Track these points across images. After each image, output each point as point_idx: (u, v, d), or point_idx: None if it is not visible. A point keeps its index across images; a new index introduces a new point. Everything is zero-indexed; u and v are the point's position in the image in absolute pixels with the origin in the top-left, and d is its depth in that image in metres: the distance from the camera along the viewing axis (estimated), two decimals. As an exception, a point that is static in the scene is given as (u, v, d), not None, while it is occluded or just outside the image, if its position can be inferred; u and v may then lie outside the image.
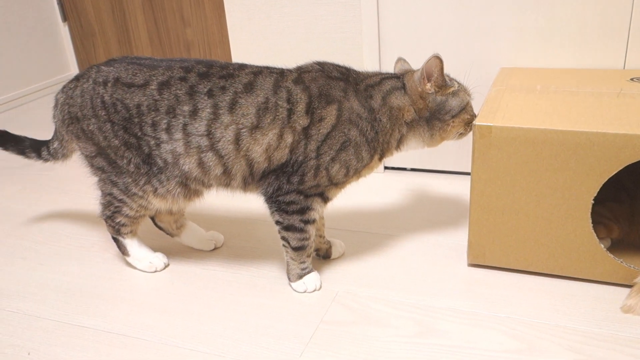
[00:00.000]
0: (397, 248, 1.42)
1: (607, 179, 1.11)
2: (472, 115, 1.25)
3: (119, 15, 3.00)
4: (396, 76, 1.24)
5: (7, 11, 2.83)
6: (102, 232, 1.57)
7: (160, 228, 1.44)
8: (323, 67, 1.22)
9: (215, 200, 1.29)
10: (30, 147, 1.46)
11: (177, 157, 1.19)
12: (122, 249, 1.38)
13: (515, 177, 1.18)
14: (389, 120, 1.20)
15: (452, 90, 1.21)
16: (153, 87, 1.18)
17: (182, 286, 1.32)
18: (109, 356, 1.11)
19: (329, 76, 1.19)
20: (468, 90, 1.25)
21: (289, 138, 1.15)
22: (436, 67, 1.16)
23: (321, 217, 1.33)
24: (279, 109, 1.15)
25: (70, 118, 1.26)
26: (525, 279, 1.26)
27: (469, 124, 1.24)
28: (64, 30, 3.15)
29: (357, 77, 1.22)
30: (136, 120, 1.19)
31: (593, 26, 1.51)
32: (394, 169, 1.89)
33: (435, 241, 1.44)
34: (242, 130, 1.15)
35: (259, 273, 1.35)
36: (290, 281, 1.29)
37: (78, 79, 1.27)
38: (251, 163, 1.17)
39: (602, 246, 1.18)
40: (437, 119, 1.21)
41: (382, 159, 1.25)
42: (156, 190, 1.24)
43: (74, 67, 3.21)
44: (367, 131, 1.18)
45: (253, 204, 1.69)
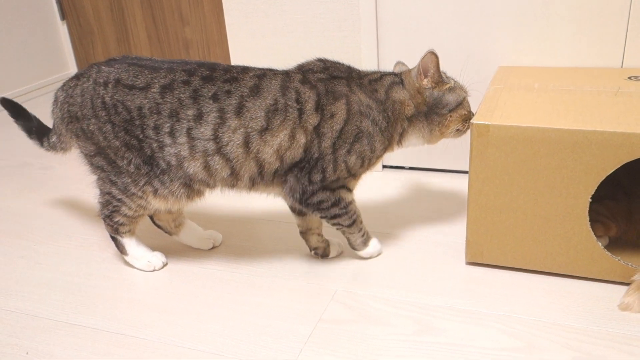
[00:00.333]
0: (395, 246, 1.42)
1: (604, 177, 1.12)
2: (469, 112, 1.28)
3: (117, 13, 2.99)
4: (394, 73, 1.30)
5: (5, 10, 2.83)
6: (101, 232, 1.57)
7: (159, 226, 1.44)
8: (325, 64, 1.25)
9: (214, 199, 1.29)
10: (35, 131, 1.46)
11: (181, 161, 1.19)
12: (121, 248, 1.38)
13: (513, 176, 1.18)
14: (392, 113, 1.24)
15: (449, 87, 1.26)
16: (155, 90, 1.18)
17: (181, 285, 1.32)
18: (107, 355, 1.11)
19: (332, 74, 1.23)
20: (465, 88, 1.29)
21: (302, 138, 1.17)
22: (432, 62, 1.21)
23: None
24: (289, 110, 1.16)
25: (70, 117, 1.26)
26: (523, 277, 1.27)
27: (467, 120, 1.27)
28: (62, 28, 3.15)
29: (358, 73, 1.27)
30: (137, 123, 1.19)
31: (591, 25, 1.51)
32: (392, 167, 1.89)
33: (433, 239, 1.44)
34: (252, 134, 1.16)
35: (257, 272, 1.35)
36: (357, 251, 1.36)
37: (78, 77, 1.27)
38: (261, 164, 1.19)
39: (600, 244, 1.18)
40: (435, 114, 1.25)
41: (383, 154, 1.28)
42: (157, 191, 1.24)
43: (72, 65, 3.21)
44: (380, 121, 1.22)
45: (251, 203, 1.69)
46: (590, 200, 1.15)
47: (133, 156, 1.21)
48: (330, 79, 1.22)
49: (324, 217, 1.29)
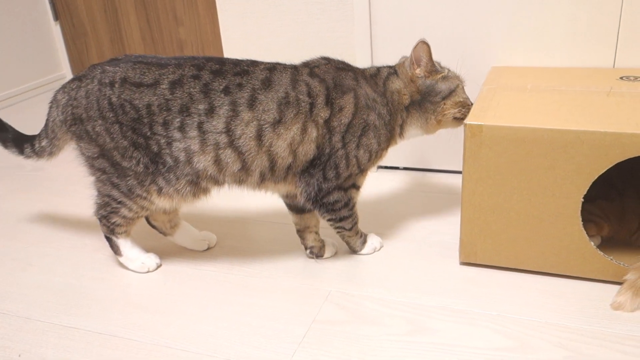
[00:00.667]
0: (389, 247, 1.42)
1: (597, 177, 1.12)
2: (465, 99, 1.30)
3: (111, 14, 2.99)
4: (389, 66, 1.34)
5: (-2, 11, 2.82)
6: (94, 233, 1.57)
7: (154, 227, 1.44)
8: (330, 61, 1.28)
9: (209, 200, 1.29)
10: (12, 140, 1.42)
11: (190, 155, 1.19)
12: (115, 249, 1.37)
13: (506, 176, 1.19)
14: (392, 105, 1.27)
15: (442, 75, 1.29)
16: (164, 86, 1.18)
17: (174, 286, 1.32)
18: (100, 357, 1.11)
19: (338, 67, 1.26)
20: (460, 77, 1.32)
21: (313, 132, 1.19)
22: (424, 51, 1.25)
23: (317, 216, 1.35)
24: (301, 103, 1.18)
25: (74, 119, 1.25)
26: (516, 277, 1.27)
27: (463, 106, 1.29)
28: (55, 29, 3.14)
29: (359, 69, 1.31)
30: (146, 120, 1.18)
31: (583, 25, 1.51)
32: (386, 168, 1.89)
33: (427, 240, 1.44)
34: (265, 126, 1.17)
35: (251, 273, 1.35)
36: (357, 252, 1.39)
37: (80, 79, 1.25)
38: (274, 158, 1.19)
39: (593, 244, 1.19)
40: (428, 102, 1.28)
41: (387, 147, 1.31)
42: (161, 189, 1.24)
43: (65, 66, 3.20)
44: (384, 114, 1.25)
45: (246, 204, 1.69)
46: (583, 200, 1.15)
47: (141, 155, 1.21)
48: (338, 72, 1.25)
49: (331, 220, 1.30)
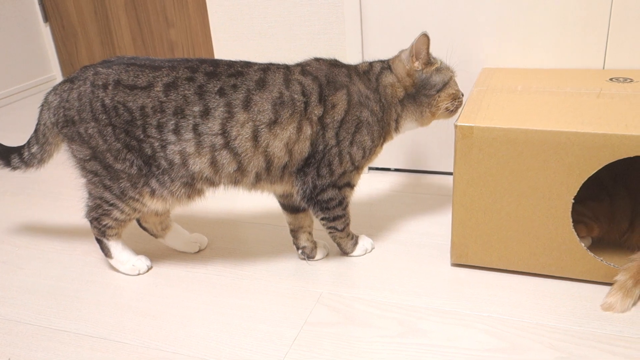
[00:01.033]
0: (380, 248, 1.42)
1: (587, 178, 1.13)
2: (457, 90, 1.32)
3: (101, 15, 2.97)
4: (380, 60, 1.34)
5: (-13, 12, 2.80)
6: (84, 236, 1.56)
7: (145, 229, 1.43)
8: (322, 60, 1.29)
9: (202, 201, 1.29)
10: None
11: (186, 158, 1.18)
12: (106, 251, 1.37)
13: (497, 177, 1.19)
14: (386, 100, 1.27)
15: (436, 67, 1.30)
16: (158, 88, 1.18)
17: (165, 289, 1.31)
18: (90, 360, 1.10)
19: (331, 64, 1.27)
20: (451, 68, 1.33)
21: (308, 130, 1.20)
22: (424, 44, 1.26)
23: (311, 216, 1.36)
24: (296, 102, 1.19)
25: (66, 121, 1.23)
26: (507, 278, 1.27)
27: (455, 98, 1.31)
28: (45, 31, 3.12)
29: (351, 65, 1.31)
30: (139, 123, 1.18)
31: (573, 27, 1.52)
32: (377, 169, 1.89)
33: (418, 241, 1.45)
34: (260, 127, 1.17)
35: (242, 275, 1.35)
36: (348, 253, 1.40)
37: (72, 80, 1.24)
38: (270, 158, 1.20)
39: (583, 245, 1.19)
40: (423, 95, 1.29)
41: (383, 143, 1.32)
42: (154, 192, 1.23)
43: (55, 68, 3.18)
44: (377, 111, 1.25)
45: (237, 205, 1.68)
46: (573, 201, 1.15)
47: (134, 157, 1.20)
48: (330, 69, 1.25)
49: (325, 219, 1.30)
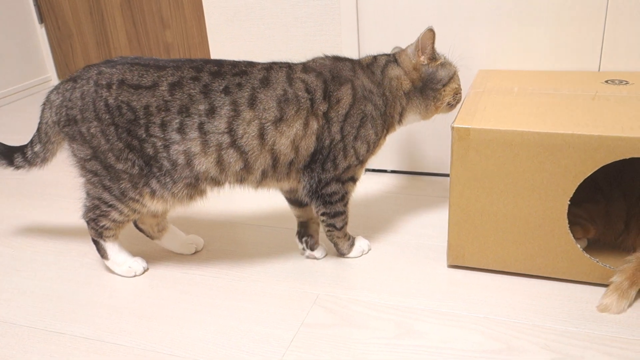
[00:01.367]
0: (377, 250, 1.42)
1: (583, 180, 1.13)
2: (459, 85, 1.35)
3: (97, 16, 2.97)
4: (386, 54, 1.35)
5: (-18, 12, 2.79)
6: (80, 237, 1.55)
7: (141, 230, 1.43)
8: (326, 55, 1.30)
9: (200, 202, 1.28)
10: (0, 153, 1.41)
11: (190, 158, 1.19)
12: (102, 252, 1.36)
13: (493, 179, 1.19)
14: (390, 92, 1.29)
15: (440, 62, 1.32)
16: (163, 87, 1.18)
17: (162, 291, 1.31)
18: (86, 362, 1.10)
19: (335, 59, 1.29)
20: (453, 64, 1.35)
21: (314, 125, 1.21)
22: (429, 39, 1.27)
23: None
24: (301, 100, 1.20)
25: (68, 120, 1.23)
26: (503, 279, 1.28)
27: (457, 94, 1.34)
28: (40, 32, 3.11)
29: (355, 59, 1.32)
30: (142, 122, 1.18)
31: (569, 29, 1.53)
32: (374, 170, 1.90)
33: (415, 243, 1.45)
34: (266, 125, 1.18)
35: (239, 276, 1.35)
36: (345, 254, 1.40)
37: (75, 80, 1.24)
38: (277, 156, 1.21)
39: (579, 246, 1.20)
40: (429, 89, 1.31)
41: (386, 135, 1.34)
42: (155, 192, 1.23)
43: (51, 69, 3.17)
44: (380, 105, 1.27)
45: (234, 207, 1.68)
46: (569, 202, 1.16)
47: (136, 157, 1.20)
48: (334, 63, 1.27)
49: (326, 214, 1.31)
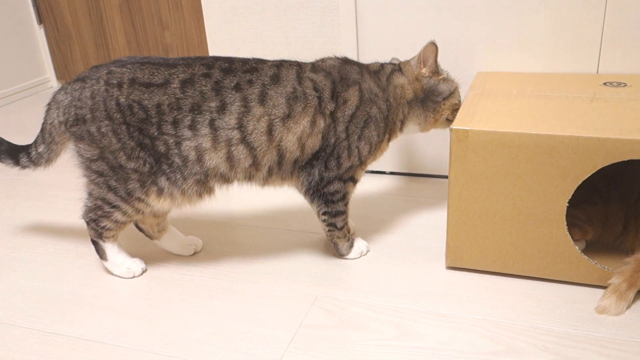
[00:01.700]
0: (376, 251, 1.42)
1: (581, 182, 1.13)
2: (459, 101, 1.37)
3: (95, 17, 2.97)
4: (392, 63, 1.40)
5: (-20, 13, 2.79)
6: (78, 238, 1.55)
7: (141, 229, 1.42)
8: (336, 57, 1.33)
9: (208, 201, 1.29)
10: (6, 151, 1.41)
11: (201, 153, 1.20)
12: (101, 253, 1.36)
13: (492, 181, 1.19)
14: (394, 99, 1.32)
15: (443, 77, 1.35)
16: (175, 85, 1.19)
17: (160, 292, 1.31)
18: (85, 364, 1.10)
19: (344, 61, 1.32)
20: (455, 81, 1.38)
21: (321, 124, 1.23)
22: (432, 52, 1.31)
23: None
24: (309, 98, 1.22)
25: (76, 119, 1.23)
26: (502, 281, 1.28)
27: (456, 110, 1.35)
28: (39, 32, 3.11)
29: (363, 64, 1.35)
30: (154, 120, 1.19)
31: (567, 32, 1.53)
32: (373, 172, 1.90)
33: (413, 244, 1.45)
34: (275, 121, 1.20)
35: (237, 278, 1.34)
36: (344, 255, 1.40)
37: (84, 79, 1.23)
38: (283, 153, 1.22)
39: (577, 248, 1.20)
40: (430, 101, 1.34)
41: (389, 140, 1.36)
42: (162, 191, 1.24)
43: (49, 70, 3.17)
44: (383, 109, 1.29)
45: (233, 208, 1.68)
46: (568, 204, 1.16)
47: (147, 155, 1.21)
48: (343, 67, 1.29)
49: (327, 213, 1.32)
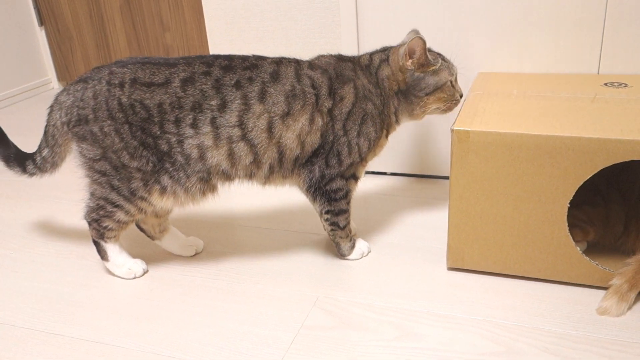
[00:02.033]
0: (377, 252, 1.42)
1: (582, 183, 1.13)
2: (450, 94, 1.31)
3: (96, 19, 2.97)
4: (382, 50, 1.36)
5: (-18, 15, 2.79)
6: (80, 239, 1.55)
7: (142, 230, 1.43)
8: (330, 54, 1.33)
9: (212, 199, 1.29)
10: (15, 158, 1.40)
11: (204, 151, 1.20)
12: (102, 254, 1.36)
13: (493, 181, 1.19)
14: (385, 93, 1.31)
15: (433, 69, 1.29)
16: (176, 84, 1.19)
17: (161, 293, 1.31)
18: (86, 364, 1.10)
19: (339, 58, 1.32)
20: (453, 68, 1.32)
21: (319, 121, 1.23)
22: (418, 47, 1.26)
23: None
24: (307, 95, 1.22)
25: (79, 120, 1.23)
26: (503, 282, 1.28)
27: (447, 101, 1.32)
28: (40, 34, 3.11)
29: (355, 59, 1.34)
30: (156, 120, 1.19)
31: (568, 32, 1.53)
32: (374, 173, 1.90)
33: (414, 245, 1.45)
34: (274, 118, 1.21)
35: (238, 279, 1.34)
36: (345, 256, 1.40)
37: (86, 80, 1.24)
38: (283, 150, 1.23)
39: (579, 249, 1.20)
40: (412, 95, 1.31)
41: (387, 135, 1.36)
42: (165, 189, 1.24)
43: (50, 71, 3.18)
44: (378, 104, 1.29)
45: (233, 209, 1.68)
46: (569, 205, 1.16)
47: (150, 154, 1.21)
48: (338, 64, 1.29)
49: (330, 212, 1.32)
